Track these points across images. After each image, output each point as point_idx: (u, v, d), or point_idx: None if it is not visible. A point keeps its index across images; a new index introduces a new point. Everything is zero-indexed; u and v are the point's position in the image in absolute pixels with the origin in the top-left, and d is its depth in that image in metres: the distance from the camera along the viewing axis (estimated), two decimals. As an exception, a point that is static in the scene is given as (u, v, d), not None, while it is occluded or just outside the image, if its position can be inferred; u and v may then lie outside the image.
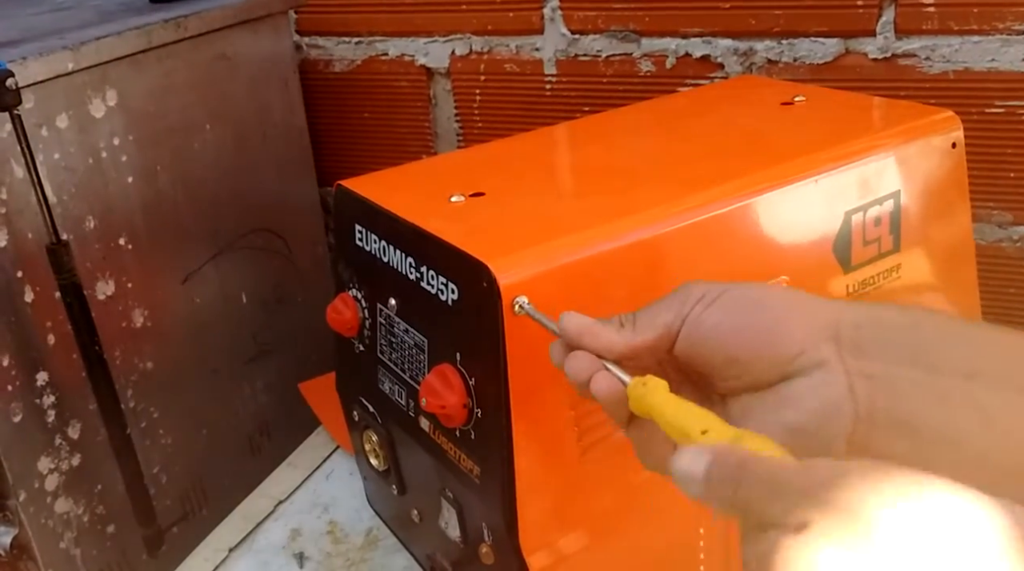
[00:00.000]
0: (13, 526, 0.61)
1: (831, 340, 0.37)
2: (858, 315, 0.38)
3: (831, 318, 0.38)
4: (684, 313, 0.39)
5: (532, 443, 0.49)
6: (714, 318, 0.39)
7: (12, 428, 0.59)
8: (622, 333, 0.40)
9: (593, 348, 0.40)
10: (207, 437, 0.77)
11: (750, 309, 0.39)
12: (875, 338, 0.37)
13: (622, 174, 0.59)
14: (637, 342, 0.40)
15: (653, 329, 0.40)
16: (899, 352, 0.36)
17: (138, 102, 0.68)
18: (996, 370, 0.35)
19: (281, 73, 0.85)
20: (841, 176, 0.58)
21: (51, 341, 0.62)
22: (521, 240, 0.50)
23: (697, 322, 0.39)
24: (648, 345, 0.40)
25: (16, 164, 0.58)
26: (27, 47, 0.60)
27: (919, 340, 0.36)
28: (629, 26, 0.86)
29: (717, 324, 0.39)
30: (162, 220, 0.71)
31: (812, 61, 0.81)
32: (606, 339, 0.40)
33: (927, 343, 0.36)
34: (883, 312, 0.38)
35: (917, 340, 0.36)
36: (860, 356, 0.37)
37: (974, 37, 0.75)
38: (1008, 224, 0.80)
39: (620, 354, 0.40)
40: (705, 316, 0.39)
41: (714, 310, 0.39)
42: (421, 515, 0.63)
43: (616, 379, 0.39)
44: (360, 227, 0.59)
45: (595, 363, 0.40)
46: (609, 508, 0.54)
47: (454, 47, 0.94)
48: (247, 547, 0.75)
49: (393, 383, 0.59)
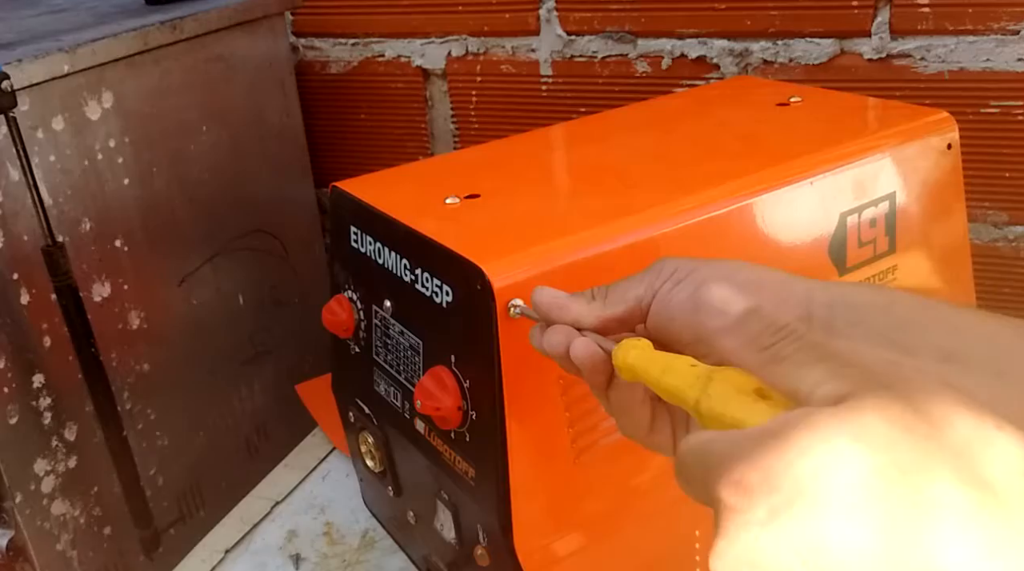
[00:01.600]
0: (9, 528, 0.61)
1: (802, 320, 0.37)
2: (831, 295, 0.37)
3: (803, 297, 0.37)
4: (655, 289, 0.40)
5: (527, 445, 0.49)
6: (683, 295, 0.39)
7: (8, 430, 0.60)
8: (592, 306, 0.41)
9: (564, 321, 0.41)
10: (204, 439, 0.77)
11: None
12: (847, 318, 0.36)
13: (617, 175, 0.59)
14: (607, 315, 0.40)
15: (624, 303, 0.40)
16: (873, 332, 0.36)
17: (134, 104, 0.68)
18: (973, 354, 0.34)
19: (277, 75, 0.85)
20: (837, 177, 0.58)
21: (47, 343, 0.62)
22: (516, 242, 0.50)
23: (667, 299, 0.39)
24: (617, 318, 0.40)
25: (12, 166, 0.58)
26: (23, 49, 0.60)
27: (893, 321, 0.36)
28: (625, 27, 0.86)
29: (686, 301, 0.39)
30: (158, 222, 0.71)
31: (807, 62, 0.81)
32: (576, 311, 0.41)
33: (901, 324, 0.36)
34: (857, 292, 0.38)
35: (891, 321, 0.36)
36: (833, 336, 0.36)
37: (969, 37, 0.75)
38: (1003, 224, 0.80)
39: (590, 326, 0.40)
40: (674, 293, 0.39)
41: (683, 287, 0.39)
42: (417, 517, 0.63)
43: (594, 344, 0.39)
44: (355, 229, 0.59)
45: (571, 333, 0.40)
46: (604, 510, 0.54)
47: (450, 48, 0.94)
48: (244, 548, 0.75)
49: (388, 385, 0.59)
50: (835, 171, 0.58)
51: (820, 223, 0.58)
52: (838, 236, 0.58)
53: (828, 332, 0.36)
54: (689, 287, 0.39)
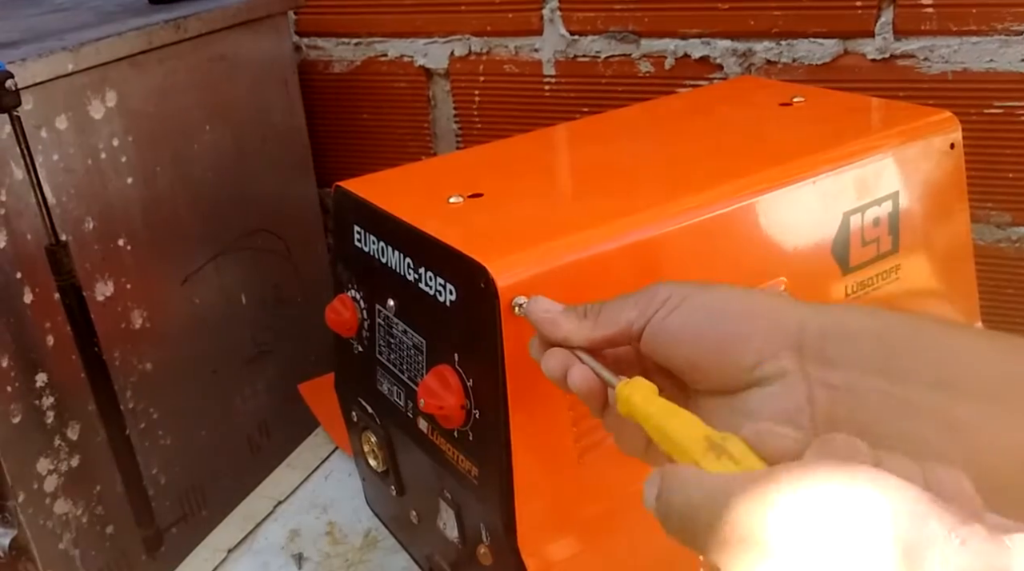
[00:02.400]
0: (12, 527, 0.62)
1: (793, 349, 0.37)
2: (824, 322, 0.37)
3: (795, 326, 0.37)
4: (648, 315, 0.40)
5: (530, 444, 0.49)
6: (676, 324, 0.39)
7: (11, 429, 0.60)
8: (583, 325, 0.41)
9: (553, 337, 0.41)
10: (206, 438, 0.77)
11: (710, 318, 0.39)
12: (840, 346, 0.36)
13: (621, 175, 0.59)
14: (596, 336, 0.40)
15: (614, 325, 0.40)
16: (865, 360, 0.35)
17: (137, 103, 0.68)
18: (965, 379, 0.34)
19: (280, 74, 0.85)
20: (840, 177, 0.58)
21: (50, 342, 0.62)
22: (519, 241, 0.50)
23: (660, 326, 0.39)
24: (607, 339, 0.40)
25: (15, 165, 0.58)
26: (27, 48, 0.61)
27: (886, 348, 0.36)
28: (628, 27, 0.86)
29: (678, 331, 0.39)
30: (161, 221, 0.71)
31: (811, 62, 0.81)
32: (567, 329, 0.41)
33: (894, 350, 0.36)
34: (850, 318, 0.38)
35: (884, 348, 0.36)
36: (824, 365, 0.36)
37: (973, 38, 0.75)
38: (1007, 224, 0.80)
39: (580, 345, 0.41)
40: (668, 321, 0.39)
41: (676, 316, 0.39)
42: (420, 516, 0.63)
43: (592, 374, 0.40)
44: (359, 228, 0.59)
45: (568, 359, 0.41)
46: (608, 509, 0.53)
47: (453, 48, 0.94)
48: (246, 548, 0.75)
49: (392, 384, 0.59)
50: (838, 171, 0.58)
51: (823, 222, 0.58)
52: (841, 235, 0.58)
53: (820, 362, 0.36)
54: (681, 317, 0.39)
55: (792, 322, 0.37)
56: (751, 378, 0.37)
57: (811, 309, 0.38)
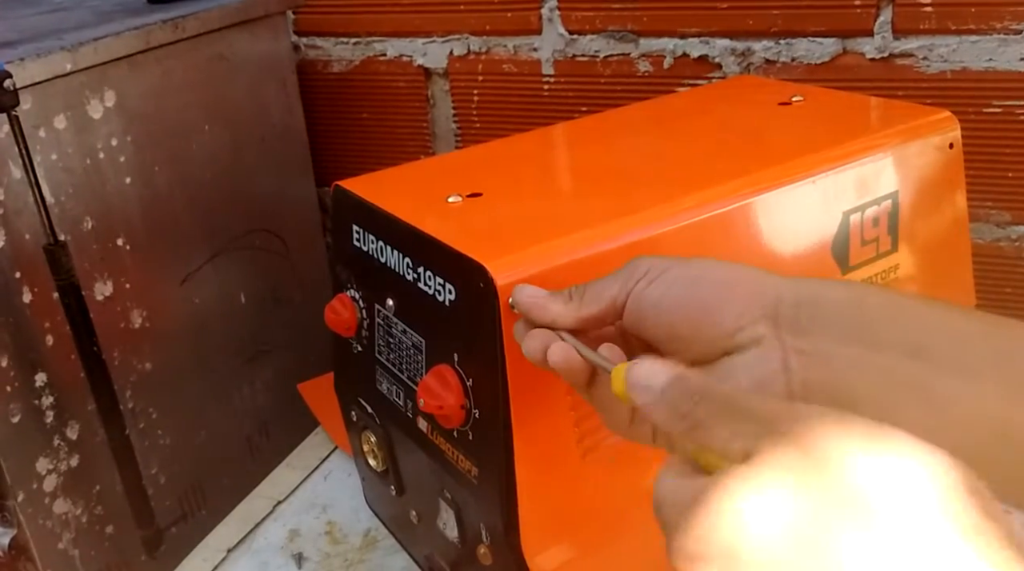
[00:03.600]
0: (11, 527, 0.61)
1: (769, 317, 0.38)
2: (799, 292, 0.38)
3: (771, 295, 0.38)
4: (629, 288, 0.41)
5: (531, 444, 0.49)
6: (655, 294, 0.40)
7: (10, 429, 0.60)
8: (569, 306, 0.42)
9: (541, 321, 0.42)
10: (206, 438, 0.77)
11: (689, 287, 0.40)
12: (814, 316, 0.37)
13: (620, 174, 0.59)
14: (583, 314, 0.41)
15: (599, 303, 0.41)
16: (840, 329, 0.36)
17: (136, 103, 0.68)
18: (942, 350, 0.35)
19: (279, 73, 0.85)
20: (839, 176, 0.58)
21: (49, 342, 0.62)
22: (518, 240, 0.50)
23: (640, 298, 0.40)
24: (594, 317, 0.41)
25: (14, 165, 0.58)
26: (25, 48, 0.60)
27: (862, 317, 0.36)
28: (627, 26, 0.86)
29: (658, 301, 0.40)
30: (160, 221, 0.71)
31: (810, 61, 0.81)
32: (554, 312, 0.42)
33: (871, 320, 0.36)
34: (826, 289, 0.39)
35: (860, 317, 0.36)
36: (799, 333, 0.37)
37: (972, 37, 0.75)
38: (1006, 223, 0.80)
39: (568, 326, 0.42)
40: (648, 292, 0.40)
41: (656, 286, 0.40)
42: (419, 516, 0.63)
43: (572, 350, 0.40)
44: (358, 227, 0.59)
45: (548, 337, 0.41)
46: (610, 510, 0.53)
47: (452, 47, 0.94)
48: (246, 547, 0.75)
49: (391, 384, 0.59)
50: (837, 170, 0.58)
51: (823, 222, 0.58)
52: (841, 234, 0.58)
53: (795, 330, 0.37)
54: (661, 286, 0.40)
55: (770, 291, 0.38)
56: (728, 345, 0.38)
57: (789, 280, 0.39)
